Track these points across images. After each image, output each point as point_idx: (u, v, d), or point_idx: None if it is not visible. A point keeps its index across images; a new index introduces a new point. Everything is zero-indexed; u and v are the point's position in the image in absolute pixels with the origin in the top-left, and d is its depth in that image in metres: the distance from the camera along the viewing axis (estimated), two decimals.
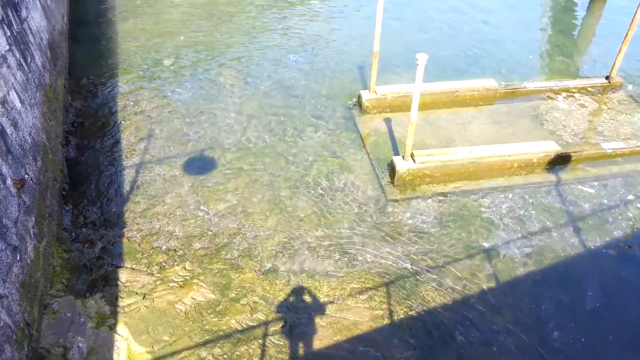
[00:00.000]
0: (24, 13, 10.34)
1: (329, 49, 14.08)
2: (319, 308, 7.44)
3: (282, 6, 16.57)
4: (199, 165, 10.00)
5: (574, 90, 12.44)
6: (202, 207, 9.01)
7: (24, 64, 9.16)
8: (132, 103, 11.70)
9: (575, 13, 17.06)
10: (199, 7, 16.34)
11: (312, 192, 9.42)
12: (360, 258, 8.18)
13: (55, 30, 12.83)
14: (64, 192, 9.21)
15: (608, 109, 12.02)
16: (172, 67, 13.09)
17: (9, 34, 8.68)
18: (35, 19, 11.37)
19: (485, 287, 7.78)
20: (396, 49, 13.82)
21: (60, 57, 12.34)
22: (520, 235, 8.67)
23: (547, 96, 12.23)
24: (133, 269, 7.92)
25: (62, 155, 9.92)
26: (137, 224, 8.67)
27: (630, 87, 12.62)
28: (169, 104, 11.72)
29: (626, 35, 11.82)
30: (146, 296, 7.46)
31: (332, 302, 7.52)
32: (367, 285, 7.75)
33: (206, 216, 8.85)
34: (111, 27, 14.98)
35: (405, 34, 14.86)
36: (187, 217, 8.82)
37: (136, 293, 7.51)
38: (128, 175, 9.71)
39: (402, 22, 15.44)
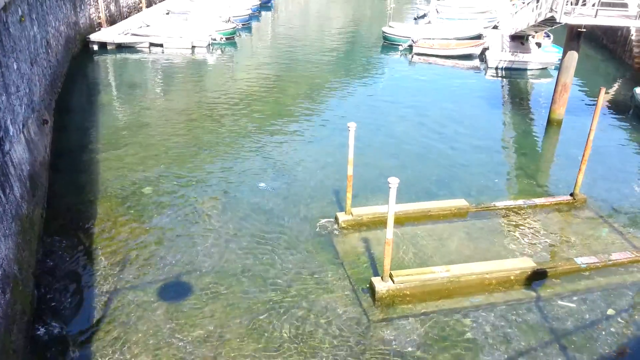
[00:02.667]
0: (7, 146, 10.62)
1: (305, 174, 14.58)
2: None
3: (259, 135, 17.36)
4: (175, 290, 9.75)
5: (542, 207, 12.93)
6: (176, 335, 8.64)
7: (1, 195, 9.22)
8: (108, 228, 11.66)
9: (534, 137, 18.29)
10: (180, 137, 17.01)
11: (292, 315, 9.17)
12: None
13: (37, 161, 13.11)
14: (32, 324, 8.78)
15: (576, 224, 12.43)
16: (151, 194, 13.28)
17: None
18: (18, 152, 11.66)
19: None
20: (369, 173, 14.38)
21: (39, 187, 12.46)
22: (506, 355, 8.44)
23: (518, 213, 12.65)
24: None
25: (33, 285, 9.60)
26: (105, 355, 8.20)
27: (594, 203, 13.19)
28: (146, 229, 11.71)
29: (584, 155, 12.66)
30: None
31: None
32: None
33: (180, 344, 8.45)
34: (93, 157, 15.37)
35: (377, 159, 15.57)
36: (161, 346, 8.41)
37: None
38: (100, 302, 9.37)
39: (374, 149, 16.25)
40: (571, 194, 13.20)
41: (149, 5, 35.42)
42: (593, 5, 16.54)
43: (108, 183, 13.80)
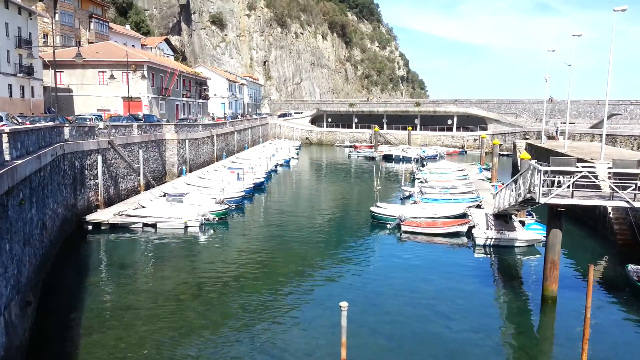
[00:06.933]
0: None
1: (295, 359, 13.81)
2: None
3: (248, 316, 16.84)
4: None
5: None
6: None
7: None
8: None
9: (531, 315, 17.87)
10: (166, 320, 16.39)
11: None
12: None
13: (14, 346, 12.41)
14: None
15: None
16: None
17: None
18: None
19: None
20: (364, 356, 13.68)
21: None
22: None
23: None
24: None
25: None
26: None
27: None
28: None
29: (584, 334, 12.26)
30: None
31: None
32: None
33: None
34: (74, 341, 14.61)
35: (372, 340, 14.94)
36: None
37: None
38: None
39: (368, 329, 15.69)
40: None
41: (147, 188, 37.07)
42: (568, 186, 17.56)
43: None
